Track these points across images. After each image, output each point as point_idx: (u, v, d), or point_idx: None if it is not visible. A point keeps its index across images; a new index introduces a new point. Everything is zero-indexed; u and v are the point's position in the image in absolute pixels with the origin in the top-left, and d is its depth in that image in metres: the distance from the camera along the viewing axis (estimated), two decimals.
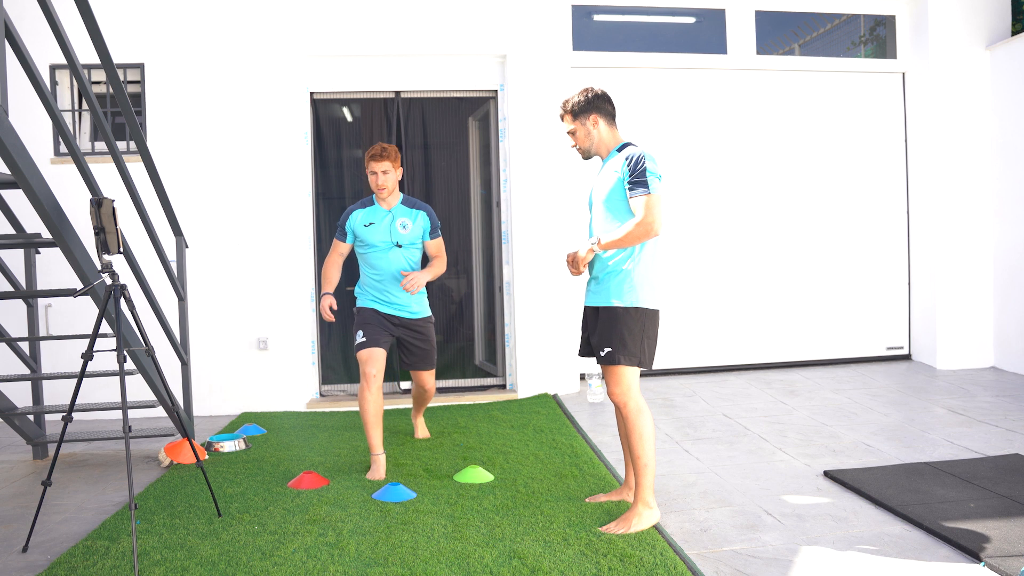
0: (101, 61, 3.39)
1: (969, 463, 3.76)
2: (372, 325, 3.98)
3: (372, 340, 3.93)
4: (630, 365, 3.11)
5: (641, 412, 3.12)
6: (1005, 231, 6.05)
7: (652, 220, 3.04)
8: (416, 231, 4.03)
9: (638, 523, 3.05)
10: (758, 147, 6.30)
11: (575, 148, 3.36)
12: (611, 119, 3.31)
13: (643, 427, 3.11)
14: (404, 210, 4.04)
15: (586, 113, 3.27)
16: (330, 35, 5.52)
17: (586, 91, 3.30)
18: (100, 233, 3.04)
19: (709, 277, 6.25)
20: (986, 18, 6.09)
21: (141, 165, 4.94)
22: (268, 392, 5.51)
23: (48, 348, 5.11)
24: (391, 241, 3.98)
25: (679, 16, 6.25)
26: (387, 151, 3.93)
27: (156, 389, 3.92)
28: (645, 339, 3.13)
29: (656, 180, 3.08)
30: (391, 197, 4.03)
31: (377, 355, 3.90)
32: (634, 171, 3.08)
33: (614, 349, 3.11)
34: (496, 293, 5.90)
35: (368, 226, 3.99)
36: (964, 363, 6.15)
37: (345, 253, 4.12)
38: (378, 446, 3.89)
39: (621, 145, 3.27)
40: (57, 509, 3.55)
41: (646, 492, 3.11)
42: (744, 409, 5.06)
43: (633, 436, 3.12)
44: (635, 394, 3.13)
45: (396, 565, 2.76)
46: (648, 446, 3.12)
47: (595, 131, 3.28)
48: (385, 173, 3.94)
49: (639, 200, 3.05)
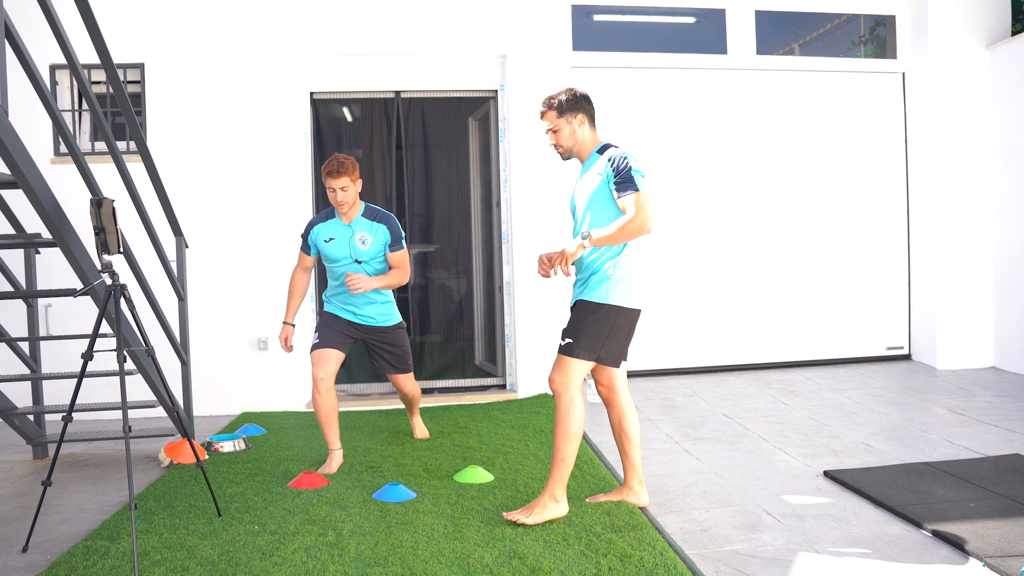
0: (101, 61, 3.39)
1: (969, 463, 3.76)
2: (330, 328, 3.96)
3: (325, 341, 3.91)
4: (585, 360, 3.11)
5: (574, 406, 3.12)
6: (1005, 231, 6.05)
7: (645, 217, 3.03)
8: (376, 246, 3.94)
9: (540, 513, 3.10)
10: (758, 147, 6.30)
11: (555, 147, 3.29)
12: (593, 120, 3.28)
13: (572, 422, 3.11)
14: (364, 223, 3.94)
15: (573, 111, 3.23)
16: (330, 35, 5.52)
17: (571, 90, 3.25)
18: (100, 233, 3.04)
19: (709, 277, 6.25)
20: (986, 18, 6.09)
21: (141, 165, 4.94)
22: (268, 392, 5.51)
23: (48, 348, 5.11)
24: (350, 257, 3.92)
25: (679, 16, 6.25)
26: (344, 165, 3.79)
27: (156, 389, 3.92)
28: (611, 338, 3.13)
29: (642, 178, 3.07)
30: (351, 211, 3.93)
31: (328, 356, 3.87)
32: (619, 171, 3.07)
33: (574, 341, 3.12)
34: (496, 293, 5.90)
35: (328, 241, 3.94)
36: (964, 363, 6.15)
37: (310, 266, 4.09)
38: (334, 442, 3.95)
39: (601, 147, 3.24)
40: (57, 509, 3.55)
41: (555, 485, 3.13)
42: (744, 409, 5.06)
43: (559, 428, 3.13)
44: (573, 388, 3.13)
45: (396, 565, 2.76)
46: (571, 441, 3.12)
47: (580, 131, 3.24)
48: (344, 189, 3.82)
49: (629, 198, 3.04)
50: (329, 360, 3.87)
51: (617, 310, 3.12)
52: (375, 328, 4.05)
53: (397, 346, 4.12)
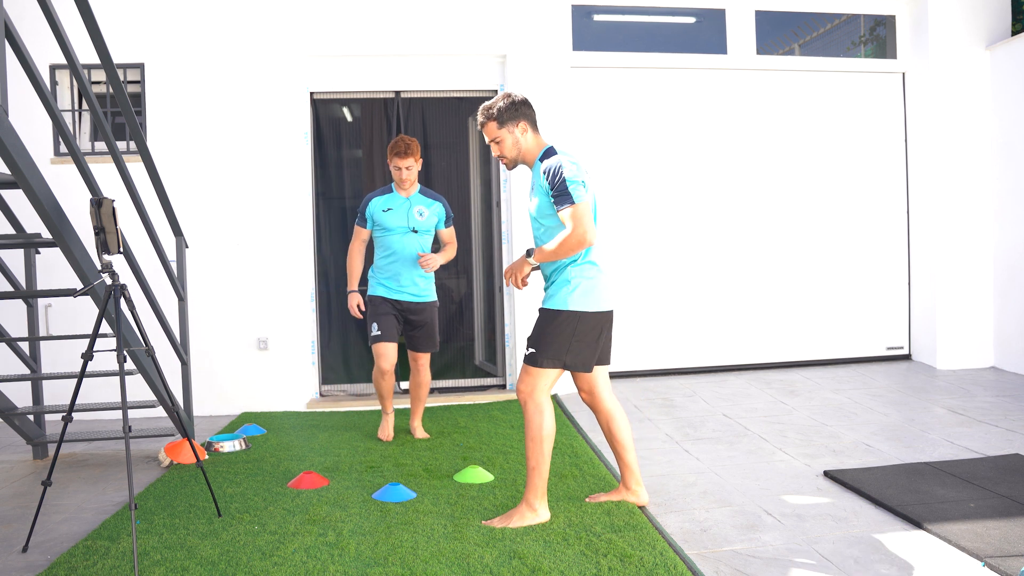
0: (101, 61, 3.39)
1: (969, 463, 3.76)
2: (385, 316, 4.29)
3: (386, 334, 4.27)
4: (551, 368, 3.06)
5: (540, 413, 3.07)
6: (1005, 231, 6.05)
7: (583, 231, 2.95)
8: (432, 219, 4.36)
9: (518, 522, 3.08)
10: (758, 147, 6.30)
11: (500, 159, 3.20)
12: (535, 125, 3.17)
13: (538, 429, 3.07)
14: (421, 199, 4.36)
15: (514, 120, 3.12)
16: (330, 35, 5.53)
17: (508, 95, 3.13)
18: (100, 233, 3.04)
19: (709, 277, 6.25)
20: (986, 18, 6.09)
21: (141, 165, 4.94)
22: (268, 392, 5.51)
23: (48, 348, 5.11)
24: (408, 227, 4.29)
25: (679, 16, 6.25)
26: (410, 147, 4.22)
27: (156, 389, 3.92)
28: (574, 342, 3.06)
29: (579, 188, 2.96)
30: (411, 188, 4.35)
31: (391, 349, 4.30)
32: (554, 184, 2.97)
33: (538, 351, 3.06)
34: (496, 293, 5.90)
35: (386, 211, 4.29)
36: (964, 363, 6.14)
37: (366, 239, 4.43)
38: (389, 407, 4.50)
39: (543, 152, 3.12)
40: (57, 509, 3.55)
41: (530, 495, 3.10)
42: (744, 409, 5.06)
43: (526, 437, 3.09)
44: (539, 394, 3.08)
45: (396, 565, 2.76)
46: (538, 449, 3.07)
47: (523, 139, 3.14)
48: (408, 168, 4.26)
49: (565, 212, 2.96)
50: (392, 352, 4.33)
51: (577, 315, 3.05)
52: (413, 305, 4.35)
53: (430, 324, 4.42)
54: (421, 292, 4.37)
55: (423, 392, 4.55)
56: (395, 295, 4.32)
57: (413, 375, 4.54)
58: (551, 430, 3.10)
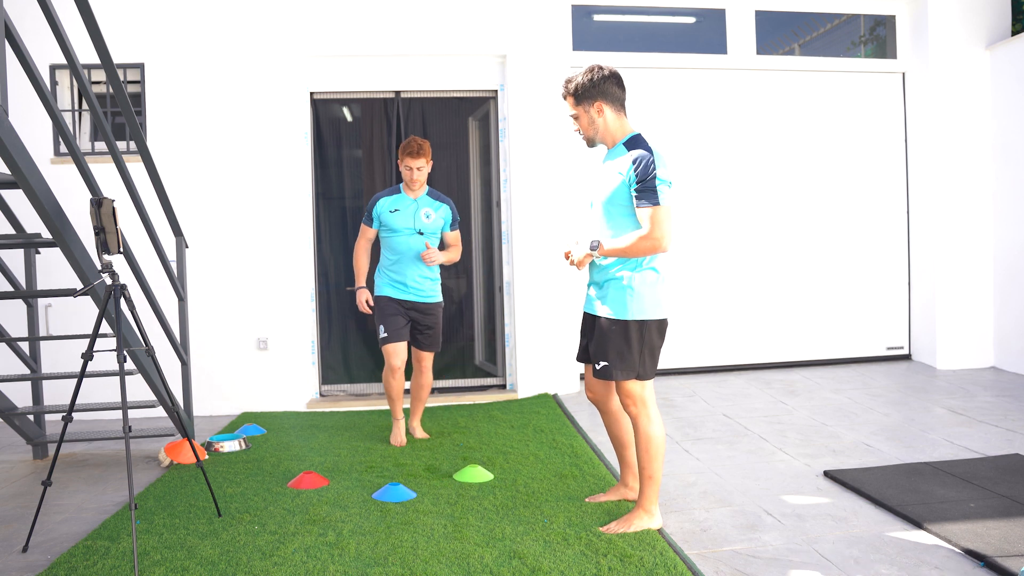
0: (101, 61, 3.39)
1: (969, 463, 3.76)
2: (392, 317, 4.32)
3: (395, 335, 4.31)
4: (626, 379, 3.00)
5: (652, 424, 3.03)
6: (1004, 231, 6.05)
7: (660, 236, 2.84)
8: (438, 221, 4.37)
9: (637, 525, 3.03)
10: (758, 147, 6.30)
11: (578, 133, 3.06)
12: (619, 105, 2.97)
13: (649, 440, 3.02)
14: (429, 201, 4.38)
15: (590, 99, 2.94)
16: (330, 35, 5.52)
17: (591, 71, 2.94)
18: (100, 233, 3.04)
19: (709, 277, 6.25)
20: (986, 18, 6.08)
21: (141, 165, 4.94)
22: (268, 392, 5.51)
23: (48, 348, 5.11)
24: (414, 228, 4.31)
25: (679, 16, 6.25)
26: (422, 148, 4.24)
27: (156, 389, 3.92)
28: (644, 351, 2.98)
29: (666, 188, 2.85)
30: (420, 189, 4.36)
31: (401, 348, 4.33)
32: (643, 178, 2.82)
33: (610, 364, 2.98)
34: (496, 293, 5.90)
35: (393, 212, 4.31)
36: (964, 363, 6.14)
37: (371, 238, 4.44)
38: (399, 412, 4.45)
39: (629, 138, 2.96)
40: (57, 509, 3.55)
41: (646, 502, 3.05)
42: (744, 409, 5.06)
43: (641, 449, 3.04)
44: (645, 406, 3.02)
45: (396, 565, 2.76)
46: (655, 460, 3.02)
47: (599, 120, 2.97)
48: (419, 169, 4.27)
49: (646, 212, 2.83)
50: (402, 351, 4.34)
51: (642, 324, 2.96)
52: (420, 306, 4.38)
53: (435, 325, 4.45)
54: (428, 293, 4.39)
55: (424, 393, 4.56)
56: (402, 295, 4.35)
57: (415, 375, 4.55)
58: (664, 436, 3.05)
